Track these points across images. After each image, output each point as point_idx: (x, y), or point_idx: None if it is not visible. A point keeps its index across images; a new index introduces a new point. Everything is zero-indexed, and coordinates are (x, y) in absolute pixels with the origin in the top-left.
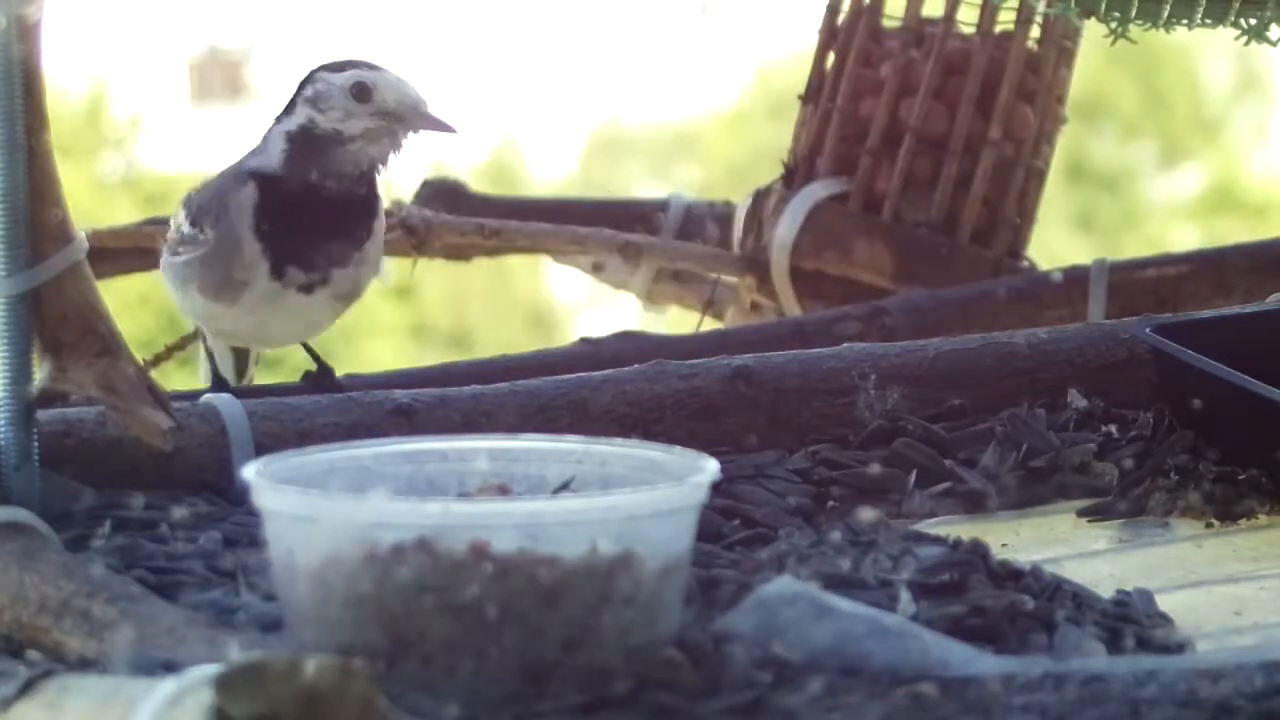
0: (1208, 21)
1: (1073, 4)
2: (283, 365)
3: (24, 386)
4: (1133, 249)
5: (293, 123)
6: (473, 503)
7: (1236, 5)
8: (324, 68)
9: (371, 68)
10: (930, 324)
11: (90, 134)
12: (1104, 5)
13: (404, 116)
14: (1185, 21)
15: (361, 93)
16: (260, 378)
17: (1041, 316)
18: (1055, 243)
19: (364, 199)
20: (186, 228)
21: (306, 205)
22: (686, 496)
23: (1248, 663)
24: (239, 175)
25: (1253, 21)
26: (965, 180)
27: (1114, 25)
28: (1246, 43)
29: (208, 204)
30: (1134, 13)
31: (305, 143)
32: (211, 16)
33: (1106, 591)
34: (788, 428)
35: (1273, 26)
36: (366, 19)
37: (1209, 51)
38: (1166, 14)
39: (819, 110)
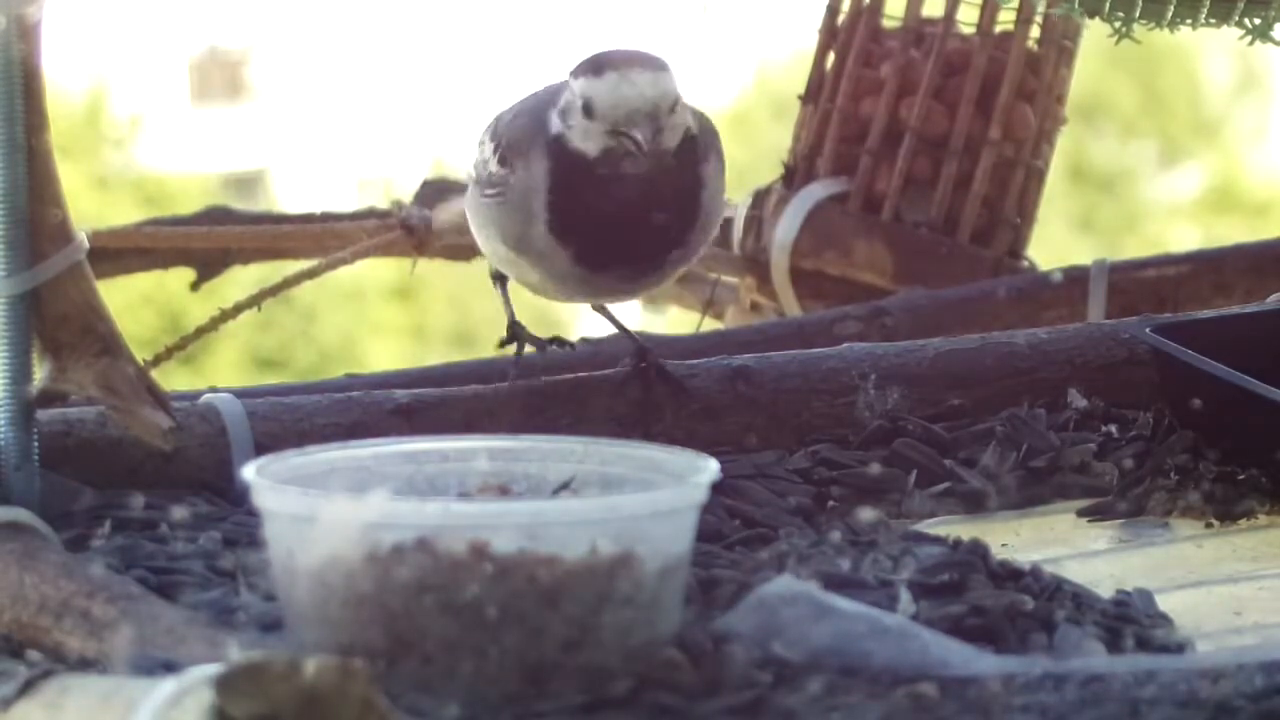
0: (1212, 21)
1: (1076, 4)
2: (288, 368)
3: (24, 386)
4: (1133, 249)
5: (553, 126)
6: (473, 503)
7: (1241, 5)
8: (578, 67)
9: (601, 69)
10: (930, 324)
11: (90, 134)
12: (1108, 5)
13: (620, 134)
14: (1189, 21)
15: (588, 108)
16: (264, 378)
17: (1041, 316)
18: (1056, 243)
19: (678, 172)
20: (494, 164)
21: (608, 193)
22: (686, 496)
23: (1248, 663)
24: (540, 133)
25: (1257, 21)
26: (965, 180)
27: (1118, 25)
28: (1250, 43)
29: (517, 140)
30: (1138, 12)
31: (564, 152)
32: (211, 16)
33: (1106, 591)
34: (788, 428)
35: (1277, 26)
36: (366, 19)
37: (1209, 52)
38: (1170, 14)
39: (819, 110)
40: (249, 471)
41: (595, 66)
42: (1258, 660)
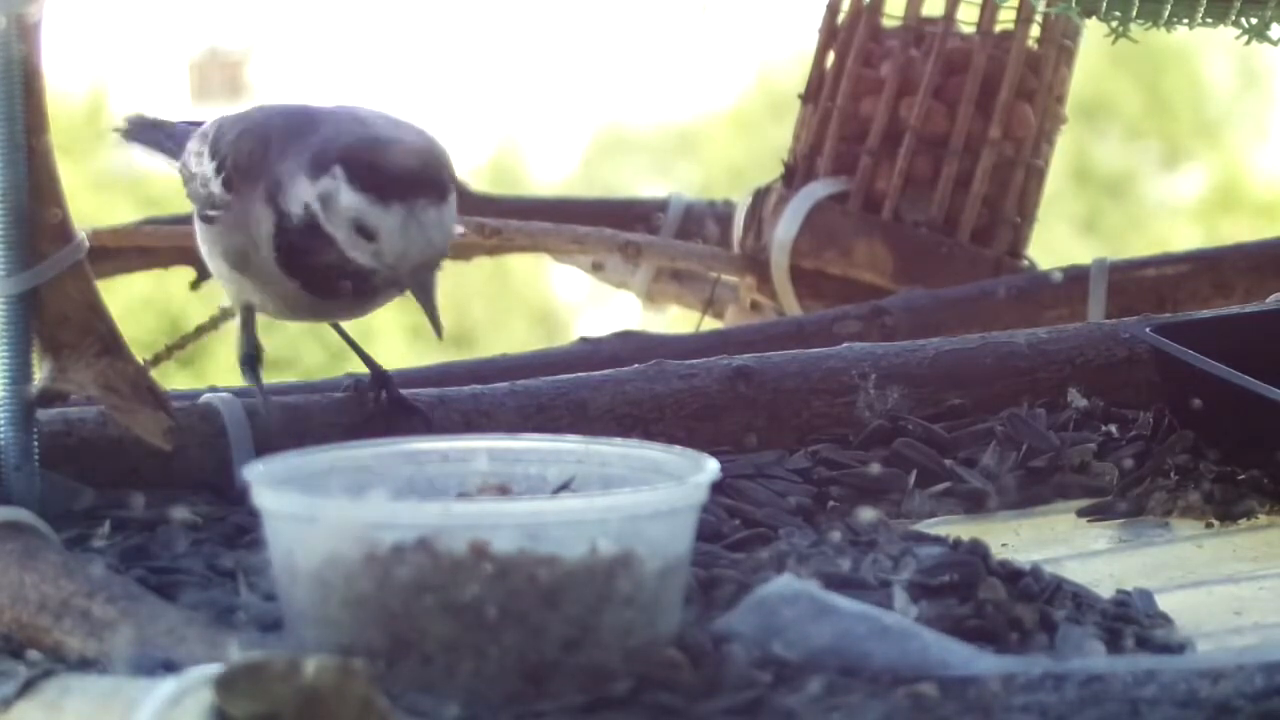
0: (1208, 21)
1: (1074, 3)
2: (290, 368)
3: (24, 386)
4: (1137, 251)
5: (305, 196)
6: (473, 503)
7: (1237, 4)
8: (345, 158)
9: (385, 200)
10: (930, 323)
11: (90, 134)
12: (1105, 4)
13: (401, 276)
14: (1186, 21)
15: (366, 233)
16: (265, 378)
17: (1041, 316)
18: (1060, 244)
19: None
20: (217, 186)
21: (338, 261)
22: (686, 496)
23: (1248, 663)
24: (266, 173)
25: (1253, 20)
26: (965, 179)
27: (1115, 25)
28: (1247, 42)
29: (244, 168)
30: (1135, 12)
31: (311, 227)
32: (211, 16)
33: (1106, 591)
34: (788, 427)
35: (1274, 25)
36: (366, 19)
37: (1211, 52)
38: (1168, 13)
39: (819, 109)
40: (249, 471)
41: (377, 184)
42: (1258, 660)
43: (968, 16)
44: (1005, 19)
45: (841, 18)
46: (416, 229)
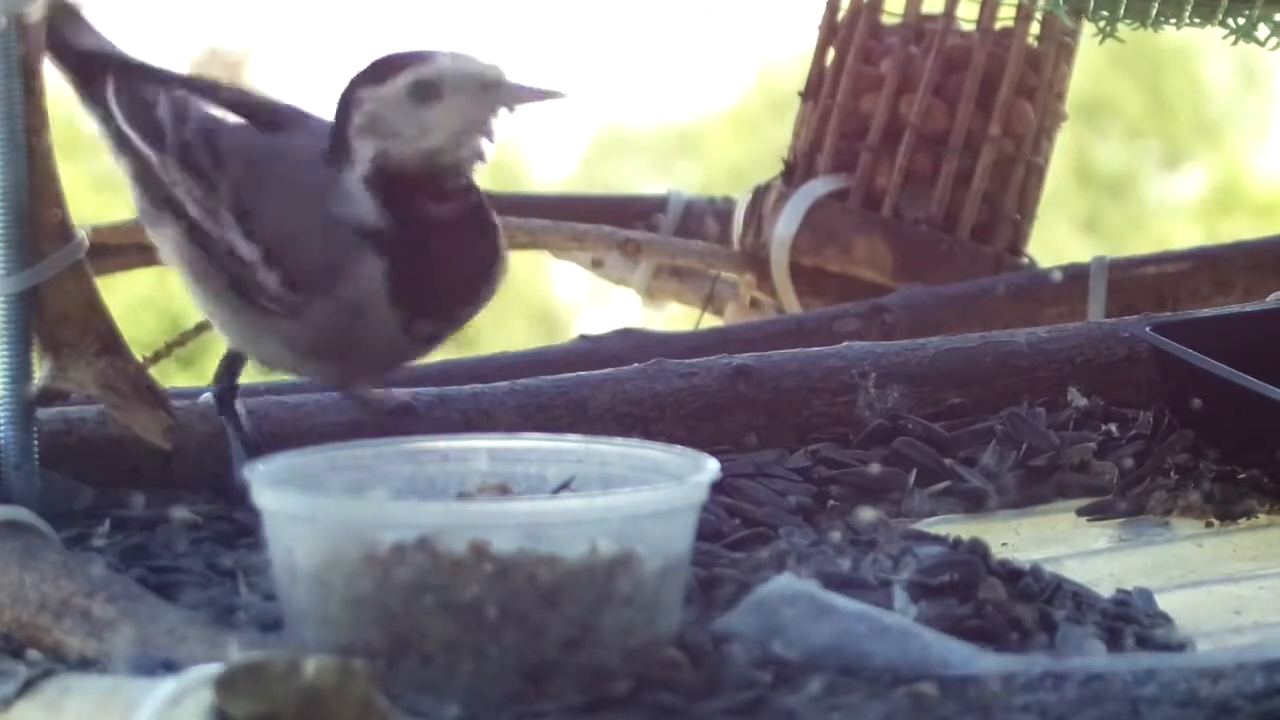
0: (1195, 21)
1: (1061, 2)
2: None
3: (24, 385)
4: (1137, 251)
5: (360, 165)
6: (473, 502)
7: (1224, 4)
8: (360, 82)
9: (418, 58)
10: (930, 321)
11: (90, 134)
12: (1092, 3)
13: (491, 96)
14: (1173, 20)
15: (425, 89)
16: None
17: (1041, 314)
18: (1060, 244)
19: (475, 209)
20: (271, 280)
21: (429, 249)
22: (687, 496)
23: (1248, 663)
24: (344, 238)
25: (1240, 20)
26: (965, 177)
27: (1102, 24)
28: (1234, 42)
29: (308, 264)
30: (1122, 11)
31: (388, 180)
32: (211, 17)
33: (1106, 591)
34: (787, 426)
35: (1261, 25)
36: (366, 19)
37: (1211, 52)
38: (1154, 13)
39: (819, 107)
40: (249, 471)
41: (403, 58)
42: (1258, 660)
43: (968, 13)
44: (1005, 16)
45: (841, 15)
46: (466, 57)
